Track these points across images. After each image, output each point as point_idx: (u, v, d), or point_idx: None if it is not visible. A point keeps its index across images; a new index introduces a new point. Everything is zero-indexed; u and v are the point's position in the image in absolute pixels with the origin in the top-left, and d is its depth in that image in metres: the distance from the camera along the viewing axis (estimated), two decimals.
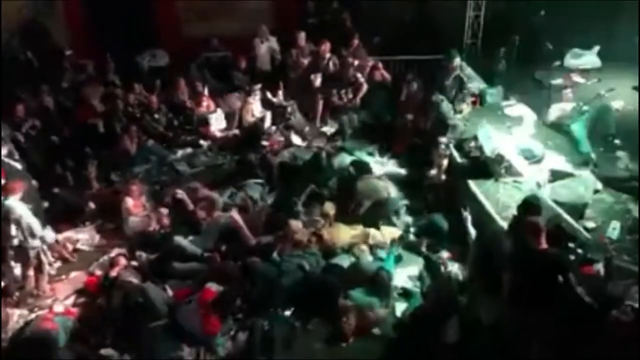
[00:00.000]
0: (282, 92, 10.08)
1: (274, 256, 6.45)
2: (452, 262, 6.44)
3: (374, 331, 5.74)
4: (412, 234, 7.13)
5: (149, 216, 7.34)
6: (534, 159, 7.12)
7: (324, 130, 9.83)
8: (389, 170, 8.47)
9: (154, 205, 7.63)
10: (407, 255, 6.75)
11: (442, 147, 7.82)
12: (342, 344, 5.64)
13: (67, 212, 7.68)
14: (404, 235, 7.02)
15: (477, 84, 9.11)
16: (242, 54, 10.68)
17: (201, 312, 5.61)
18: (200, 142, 9.56)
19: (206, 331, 5.57)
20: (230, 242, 6.90)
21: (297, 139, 9.53)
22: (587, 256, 5.27)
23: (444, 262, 6.45)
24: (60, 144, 8.84)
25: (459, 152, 7.77)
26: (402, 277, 6.36)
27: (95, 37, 11.74)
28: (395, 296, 6.13)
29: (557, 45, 9.51)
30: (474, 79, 9.19)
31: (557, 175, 6.69)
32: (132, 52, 11.25)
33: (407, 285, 6.29)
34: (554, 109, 8.20)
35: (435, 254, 6.65)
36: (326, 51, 9.76)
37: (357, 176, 7.71)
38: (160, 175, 8.62)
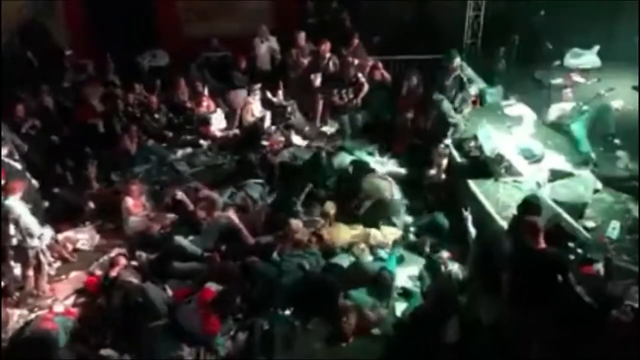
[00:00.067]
0: (282, 91, 10.08)
1: (274, 256, 6.45)
2: (452, 262, 6.43)
3: (374, 331, 5.73)
4: (412, 233, 7.13)
5: (148, 216, 7.35)
6: (533, 159, 7.13)
7: (324, 130, 9.83)
8: (389, 170, 8.45)
9: (154, 205, 7.63)
10: (408, 255, 6.75)
11: (441, 146, 7.82)
12: (342, 344, 5.63)
13: (67, 212, 7.68)
14: (405, 235, 7.03)
15: (477, 88, 9.06)
16: (242, 54, 10.67)
17: (201, 312, 5.60)
18: (200, 142, 9.55)
19: (206, 331, 5.57)
20: (230, 242, 6.90)
21: (297, 139, 9.54)
22: (587, 256, 5.28)
23: (444, 261, 6.44)
24: (60, 144, 8.83)
25: (458, 151, 7.78)
26: (402, 277, 6.36)
27: (95, 37, 11.75)
28: (395, 296, 6.13)
29: (557, 44, 9.51)
30: (474, 81, 9.14)
31: (556, 174, 6.70)
32: (132, 52, 11.26)
33: (407, 285, 6.29)
34: (554, 109, 8.21)
35: (435, 254, 6.65)
36: (326, 51, 9.76)
37: (362, 175, 7.70)
38: (160, 175, 8.61)
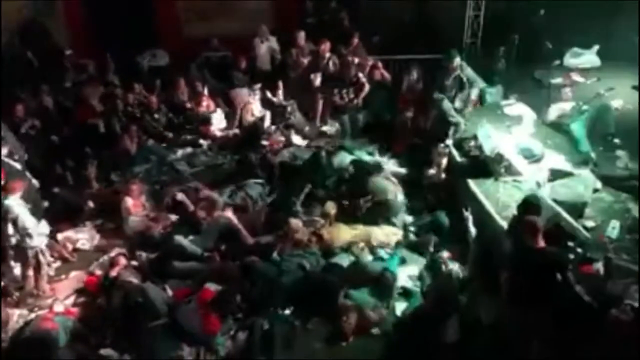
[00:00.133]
0: (282, 91, 10.08)
1: (274, 256, 6.45)
2: (452, 262, 6.43)
3: (374, 331, 5.73)
4: (412, 233, 7.12)
5: (148, 216, 7.35)
6: (533, 158, 7.12)
7: (324, 129, 9.83)
8: (389, 169, 8.42)
9: (154, 205, 7.63)
10: (408, 254, 6.73)
11: (441, 146, 7.82)
12: (342, 344, 5.63)
13: (67, 211, 7.68)
14: (405, 235, 7.02)
15: (477, 90, 9.03)
16: (242, 53, 10.67)
17: (201, 312, 5.61)
18: (200, 141, 9.55)
19: (206, 331, 5.57)
20: (229, 242, 6.90)
21: (297, 139, 9.54)
22: (587, 255, 5.28)
23: (444, 261, 6.44)
24: (60, 143, 8.84)
25: (458, 151, 7.77)
26: (402, 277, 6.34)
27: (95, 37, 11.75)
28: (395, 296, 6.12)
29: (557, 44, 9.49)
30: (475, 82, 9.10)
31: (556, 174, 6.70)
32: (132, 52, 11.26)
33: (407, 284, 6.28)
34: (554, 108, 8.20)
35: (436, 253, 6.64)
36: (326, 50, 9.75)
37: (368, 174, 7.66)
38: (160, 175, 8.60)
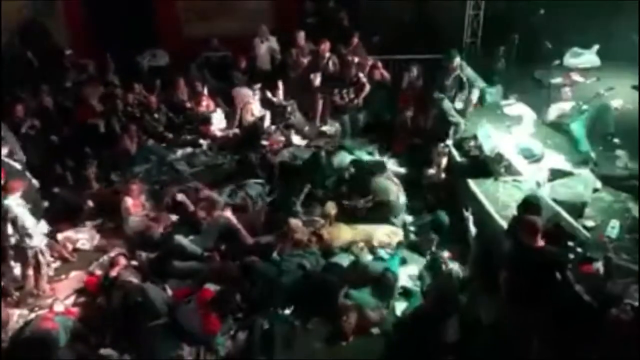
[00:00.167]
0: (281, 91, 10.08)
1: (274, 256, 6.45)
2: (453, 262, 6.42)
3: (374, 330, 5.73)
4: (412, 233, 7.12)
5: (148, 216, 7.35)
6: (533, 158, 7.13)
7: (324, 129, 9.83)
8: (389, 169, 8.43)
9: (154, 205, 7.63)
10: (408, 254, 6.74)
11: (441, 145, 7.81)
12: (342, 343, 5.63)
13: (66, 211, 7.68)
14: (406, 234, 7.02)
15: (477, 92, 8.93)
16: (242, 53, 10.67)
17: (201, 312, 5.61)
18: (200, 141, 9.55)
19: (206, 330, 5.57)
20: (229, 241, 6.90)
21: (297, 139, 9.54)
22: (587, 255, 5.27)
23: (444, 261, 6.44)
24: (59, 143, 8.83)
25: (458, 151, 7.77)
26: (402, 276, 6.34)
27: (95, 37, 11.75)
28: (396, 296, 6.12)
29: (557, 44, 9.47)
30: (474, 83, 9.05)
31: (556, 174, 6.70)
32: (132, 52, 11.26)
33: (407, 284, 6.28)
34: (554, 108, 8.20)
35: (437, 253, 6.63)
36: (326, 50, 9.74)
37: (373, 173, 7.63)
38: (160, 175, 8.59)
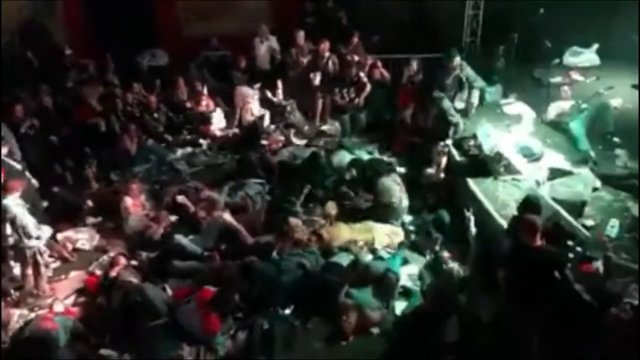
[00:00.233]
0: (281, 91, 10.08)
1: (274, 255, 6.45)
2: (453, 262, 6.41)
3: (374, 330, 5.73)
4: (412, 232, 7.10)
5: (148, 215, 7.35)
6: (533, 157, 7.14)
7: (324, 129, 9.83)
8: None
9: (154, 204, 7.63)
10: (408, 254, 6.72)
11: (441, 144, 7.81)
12: (342, 343, 5.63)
13: (66, 211, 7.68)
14: (407, 234, 7.01)
15: (478, 93, 8.93)
16: (242, 53, 10.67)
17: (201, 312, 5.60)
18: (200, 141, 9.55)
19: (206, 330, 5.57)
20: (229, 241, 6.90)
21: (297, 138, 9.54)
22: (586, 254, 5.29)
23: (444, 260, 6.44)
24: (59, 143, 8.83)
25: (458, 150, 7.77)
26: (403, 276, 6.31)
27: (95, 37, 11.75)
28: (396, 296, 6.09)
29: (556, 43, 9.47)
30: (474, 83, 9.00)
31: (556, 173, 6.71)
32: (132, 52, 11.26)
33: (407, 283, 6.27)
34: (553, 107, 8.21)
35: (440, 253, 6.61)
36: (325, 50, 9.72)
37: (379, 173, 7.60)
38: (160, 174, 8.60)
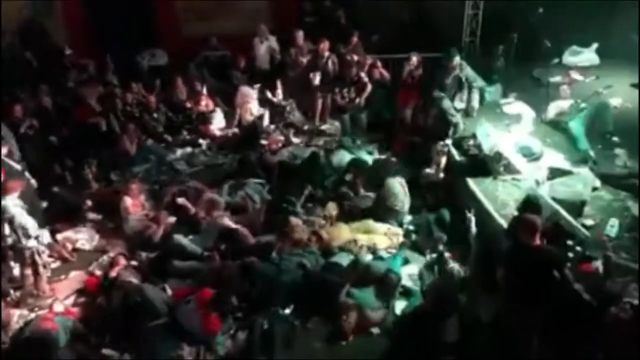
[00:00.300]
0: (280, 91, 10.08)
1: (273, 255, 6.45)
2: (453, 262, 6.40)
3: (374, 330, 5.73)
4: (413, 232, 7.09)
5: (148, 215, 7.35)
6: (532, 157, 7.14)
7: (324, 128, 9.83)
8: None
9: (153, 204, 7.63)
10: (408, 253, 6.70)
11: (440, 144, 7.81)
12: (342, 343, 5.63)
13: (66, 211, 7.67)
14: (407, 234, 7.01)
15: (478, 95, 8.92)
16: (241, 53, 10.68)
17: (201, 312, 5.60)
18: (199, 141, 9.55)
19: (206, 330, 5.57)
20: (229, 241, 6.89)
21: (297, 138, 9.54)
22: (586, 253, 5.30)
23: (445, 260, 6.43)
24: (59, 143, 8.82)
25: (457, 150, 7.78)
26: (403, 276, 6.30)
27: (94, 37, 11.75)
28: (397, 296, 6.08)
29: (556, 42, 9.47)
30: (474, 83, 9.00)
31: (555, 172, 6.71)
32: (131, 52, 11.26)
33: (407, 283, 6.25)
34: (553, 107, 8.21)
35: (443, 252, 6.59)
36: (325, 50, 9.72)
37: (390, 174, 7.56)
38: (159, 174, 8.61)
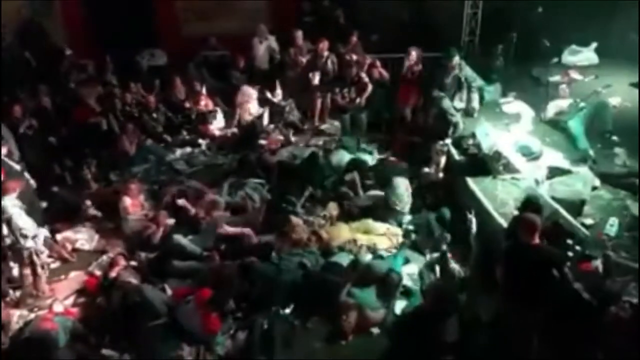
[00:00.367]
0: (280, 91, 10.08)
1: (273, 255, 6.45)
2: (453, 262, 6.40)
3: (374, 330, 5.73)
4: (412, 232, 7.08)
5: (147, 215, 7.35)
6: (531, 156, 7.15)
7: (323, 128, 9.83)
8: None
9: (153, 204, 7.63)
10: (408, 253, 6.69)
11: (440, 143, 7.81)
12: (341, 342, 5.63)
13: (65, 211, 7.67)
14: (407, 234, 7.01)
15: (477, 95, 8.90)
16: (241, 53, 10.67)
17: (201, 312, 5.60)
18: (199, 141, 9.55)
19: (207, 330, 5.57)
20: (229, 241, 6.89)
21: (296, 138, 9.53)
22: (586, 253, 5.29)
23: (446, 259, 6.43)
24: (58, 144, 8.81)
25: (457, 149, 7.78)
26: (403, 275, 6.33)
27: (93, 37, 11.74)
28: (397, 295, 6.08)
29: (555, 42, 9.47)
30: (473, 82, 8.96)
31: (555, 172, 6.71)
32: (131, 51, 11.25)
33: (407, 283, 6.23)
34: (552, 106, 8.22)
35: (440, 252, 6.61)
36: (324, 49, 9.71)
37: (397, 174, 7.57)
38: (159, 174, 8.61)
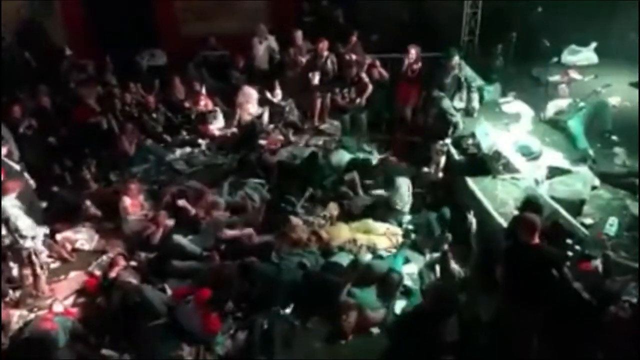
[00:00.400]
0: (279, 90, 10.08)
1: (273, 255, 6.45)
2: (453, 262, 6.41)
3: (373, 330, 5.74)
4: (412, 231, 7.08)
5: (147, 215, 7.34)
6: (531, 156, 7.15)
7: (323, 128, 9.83)
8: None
9: (153, 204, 7.62)
10: (408, 253, 6.69)
11: (440, 143, 7.82)
12: (341, 342, 5.63)
13: (65, 211, 7.66)
14: (407, 234, 7.01)
15: (477, 95, 8.89)
16: (240, 53, 10.67)
17: (201, 312, 5.60)
18: (198, 141, 9.54)
19: (206, 330, 5.58)
20: (229, 241, 6.88)
21: (296, 138, 9.53)
22: (585, 252, 5.31)
23: (446, 259, 6.43)
24: (58, 144, 8.80)
25: (456, 149, 7.78)
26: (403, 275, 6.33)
27: (93, 37, 11.74)
28: (397, 295, 6.09)
29: (555, 42, 9.48)
30: (473, 82, 8.96)
31: (554, 171, 6.72)
32: (130, 52, 11.25)
33: (407, 283, 6.23)
34: (552, 106, 8.23)
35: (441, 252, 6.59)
36: (324, 49, 9.70)
37: (401, 175, 7.57)
38: (158, 174, 8.60)
